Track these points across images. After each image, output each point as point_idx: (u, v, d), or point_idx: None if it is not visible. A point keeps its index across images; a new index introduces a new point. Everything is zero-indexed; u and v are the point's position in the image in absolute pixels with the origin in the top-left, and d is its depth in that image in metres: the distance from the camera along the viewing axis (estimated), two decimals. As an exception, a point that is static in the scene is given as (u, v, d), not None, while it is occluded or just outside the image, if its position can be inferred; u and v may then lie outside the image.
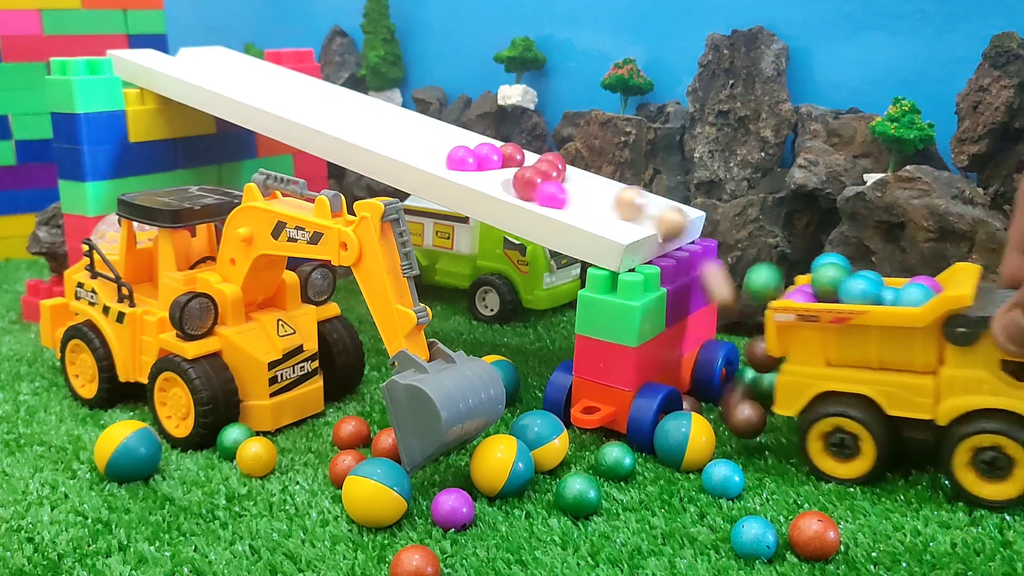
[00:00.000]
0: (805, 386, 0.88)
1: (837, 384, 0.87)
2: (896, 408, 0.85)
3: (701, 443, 0.90)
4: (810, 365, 0.88)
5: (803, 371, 0.88)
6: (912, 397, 0.84)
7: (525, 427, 0.93)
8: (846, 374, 0.86)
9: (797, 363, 0.88)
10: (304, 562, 0.77)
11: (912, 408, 0.84)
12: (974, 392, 0.82)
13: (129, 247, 1.11)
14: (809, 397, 0.88)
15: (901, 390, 0.84)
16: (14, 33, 1.79)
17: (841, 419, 0.86)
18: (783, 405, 0.90)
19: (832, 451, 0.87)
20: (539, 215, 0.99)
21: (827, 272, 0.90)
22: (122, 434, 0.91)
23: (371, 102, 1.34)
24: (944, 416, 0.83)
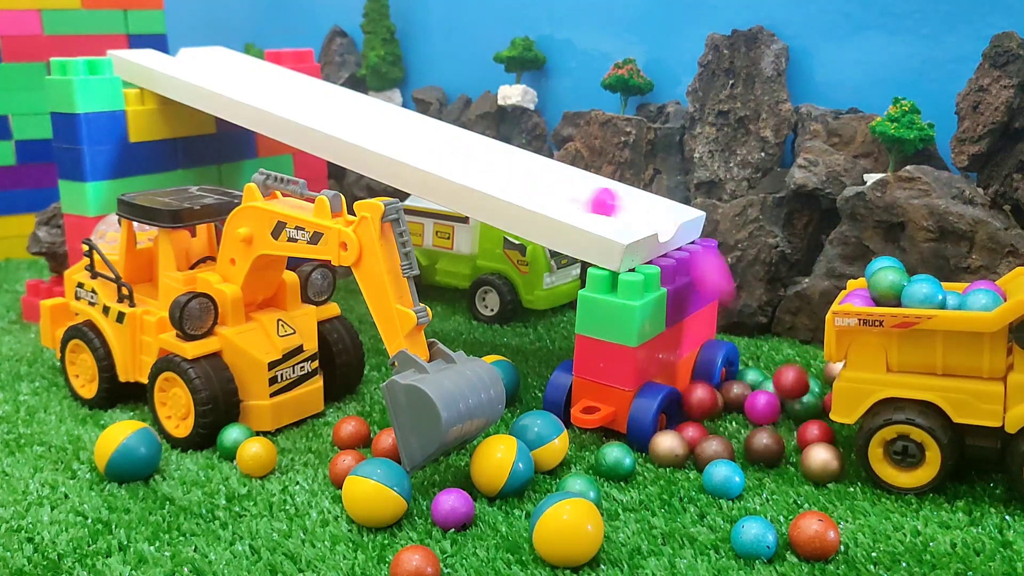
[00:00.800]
0: (866, 392, 0.85)
1: (901, 391, 0.84)
2: (963, 415, 0.82)
3: None
4: (870, 371, 0.85)
5: (864, 377, 0.85)
6: (980, 404, 0.81)
7: (525, 427, 0.93)
8: (910, 380, 0.83)
9: (856, 369, 0.85)
10: (304, 562, 0.77)
11: (980, 415, 0.82)
12: None
13: (129, 247, 1.11)
14: (869, 404, 0.84)
15: (969, 397, 0.82)
16: (14, 33, 1.79)
17: (906, 426, 0.83)
18: (841, 412, 0.86)
19: (894, 459, 0.85)
20: (539, 215, 0.99)
21: (886, 276, 0.86)
22: (122, 434, 0.91)
23: (371, 102, 1.34)
24: (1014, 424, 0.81)
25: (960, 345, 0.82)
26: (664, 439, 0.93)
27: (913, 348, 0.83)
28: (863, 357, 0.85)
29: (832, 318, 0.84)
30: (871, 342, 0.84)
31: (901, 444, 0.84)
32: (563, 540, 0.75)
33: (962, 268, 1.15)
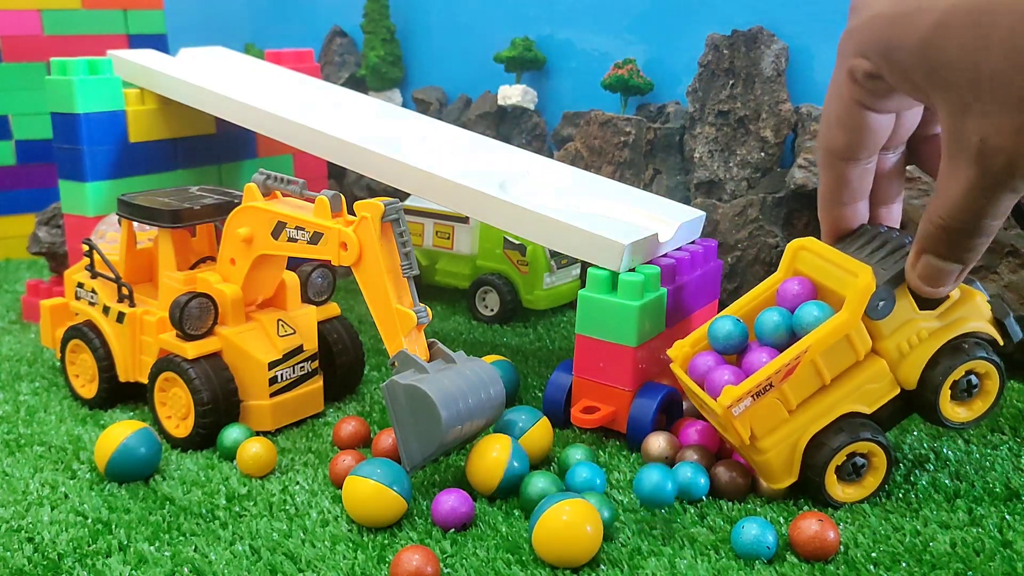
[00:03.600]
0: (791, 446, 0.82)
1: (820, 422, 0.82)
2: (874, 403, 0.83)
3: None
4: (782, 426, 0.82)
5: (780, 435, 0.82)
6: (878, 384, 0.82)
7: (507, 423, 0.94)
8: (816, 409, 0.82)
9: (768, 434, 0.82)
10: (304, 562, 0.77)
11: (885, 393, 0.83)
12: (918, 343, 0.82)
13: (129, 247, 1.11)
14: (801, 452, 0.82)
15: (868, 385, 0.82)
16: (14, 33, 1.79)
17: (851, 446, 0.82)
18: (780, 477, 0.83)
19: (849, 479, 0.84)
20: (539, 215, 0.99)
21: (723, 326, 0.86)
22: (122, 434, 0.91)
23: (371, 102, 1.34)
24: (910, 377, 0.82)
25: (834, 351, 0.81)
26: (655, 440, 0.92)
27: (801, 381, 0.81)
28: (767, 420, 0.82)
29: (729, 413, 0.79)
30: (765, 403, 0.81)
31: (850, 464, 0.83)
32: (562, 540, 0.75)
33: (962, 268, 1.15)
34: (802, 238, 0.88)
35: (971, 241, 0.70)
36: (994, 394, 0.84)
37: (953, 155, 0.66)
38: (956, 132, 0.65)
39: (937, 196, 0.70)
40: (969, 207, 0.67)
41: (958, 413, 0.84)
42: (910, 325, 0.82)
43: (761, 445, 0.82)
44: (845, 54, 0.72)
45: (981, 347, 0.83)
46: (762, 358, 0.82)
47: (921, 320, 0.82)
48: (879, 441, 0.82)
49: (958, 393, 0.83)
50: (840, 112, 0.75)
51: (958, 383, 0.83)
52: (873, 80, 0.70)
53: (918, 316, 0.82)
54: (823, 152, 0.79)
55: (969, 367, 0.82)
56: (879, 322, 0.81)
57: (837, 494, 0.83)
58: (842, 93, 0.74)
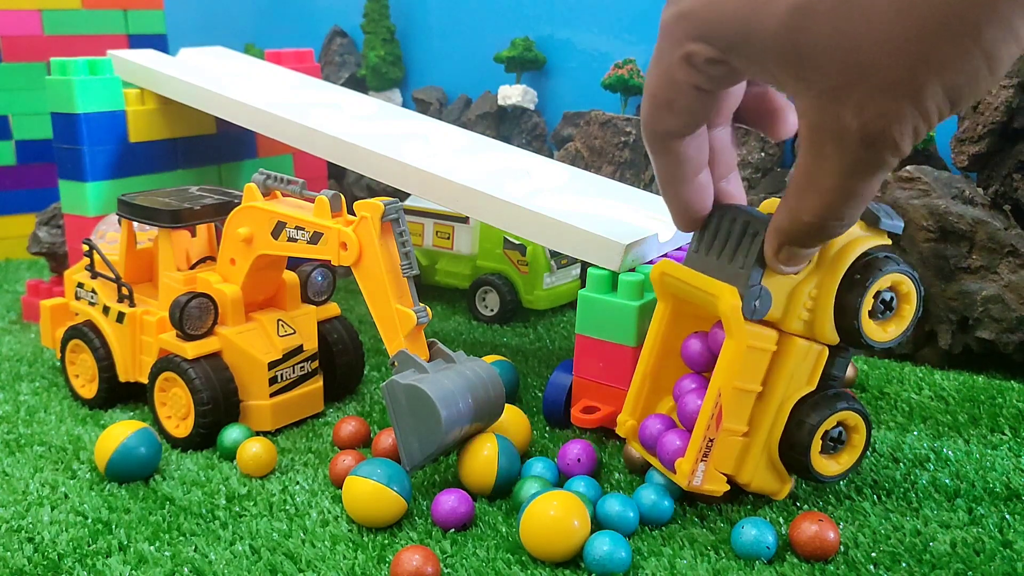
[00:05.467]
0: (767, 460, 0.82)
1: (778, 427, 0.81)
2: (815, 378, 0.81)
3: None
4: (748, 456, 0.81)
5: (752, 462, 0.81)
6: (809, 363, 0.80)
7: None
8: (769, 417, 0.81)
9: (742, 468, 0.81)
10: (304, 562, 0.77)
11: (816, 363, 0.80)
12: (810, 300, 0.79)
13: (129, 247, 1.11)
14: (777, 460, 0.82)
15: (802, 368, 0.80)
16: (14, 33, 1.80)
17: (821, 430, 0.81)
18: (778, 491, 0.84)
19: (830, 451, 0.83)
20: (539, 215, 0.99)
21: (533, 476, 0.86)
22: (122, 434, 0.91)
23: (371, 102, 1.34)
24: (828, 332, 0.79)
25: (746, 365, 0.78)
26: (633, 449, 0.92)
27: (736, 408, 0.79)
28: (730, 458, 0.80)
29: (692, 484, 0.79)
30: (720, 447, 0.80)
31: (828, 439, 0.82)
32: (549, 535, 0.75)
33: (962, 268, 1.15)
34: (660, 262, 0.84)
35: (841, 225, 0.66)
36: (909, 318, 0.81)
37: (823, 145, 0.61)
38: (827, 120, 0.60)
39: (804, 192, 0.65)
40: (844, 196, 0.63)
41: (876, 332, 0.80)
42: (796, 293, 0.78)
43: (743, 481, 0.82)
44: (677, 37, 0.65)
45: (891, 261, 0.79)
46: (696, 401, 0.81)
47: (802, 280, 0.78)
48: (854, 408, 0.81)
49: (876, 308, 0.79)
50: (672, 96, 0.67)
51: (880, 293, 0.79)
52: (715, 65, 0.64)
53: (796, 279, 0.78)
54: (652, 136, 0.72)
55: (892, 280, 0.78)
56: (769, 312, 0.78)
57: (827, 469, 0.82)
58: (675, 78, 0.66)
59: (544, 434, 1.02)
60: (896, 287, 0.80)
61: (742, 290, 0.76)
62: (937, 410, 1.04)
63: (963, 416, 1.03)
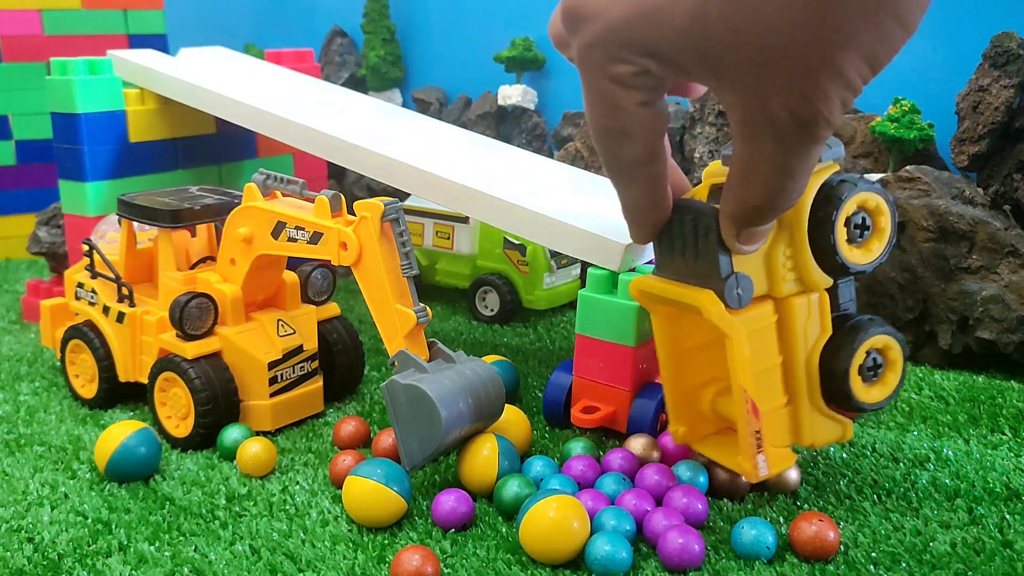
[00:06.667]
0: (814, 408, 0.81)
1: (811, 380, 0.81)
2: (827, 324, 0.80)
3: None
4: (798, 418, 0.81)
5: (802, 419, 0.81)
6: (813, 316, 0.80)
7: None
8: (797, 376, 0.80)
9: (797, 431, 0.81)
10: (304, 562, 0.77)
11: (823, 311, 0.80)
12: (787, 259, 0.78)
13: (129, 247, 1.11)
14: (821, 403, 0.81)
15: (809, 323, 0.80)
16: (14, 33, 1.80)
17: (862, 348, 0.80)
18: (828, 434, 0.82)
19: (868, 377, 0.81)
20: (539, 215, 0.99)
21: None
22: (122, 434, 0.91)
23: (371, 102, 1.34)
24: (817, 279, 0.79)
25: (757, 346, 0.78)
26: (636, 442, 0.92)
27: (766, 387, 0.79)
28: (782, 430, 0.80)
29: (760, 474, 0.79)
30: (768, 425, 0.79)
31: (871, 359, 0.81)
32: (549, 537, 0.75)
33: (962, 268, 1.15)
34: (634, 280, 0.83)
35: (791, 199, 0.66)
36: (888, 229, 0.80)
37: (756, 135, 0.61)
38: (752, 110, 0.60)
39: (746, 179, 0.65)
40: (785, 175, 0.63)
41: (858, 256, 0.79)
42: (771, 260, 0.77)
43: (807, 443, 0.81)
44: (597, 65, 0.64)
45: (847, 184, 0.78)
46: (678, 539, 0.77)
47: (770, 245, 0.77)
48: (877, 332, 0.80)
49: (851, 232, 0.78)
50: (623, 122, 0.66)
51: (850, 219, 0.78)
52: (642, 76, 0.63)
53: (764, 249, 0.77)
54: (619, 169, 0.70)
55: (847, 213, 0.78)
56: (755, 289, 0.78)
57: (866, 397, 0.81)
58: (616, 103, 0.65)
59: (544, 434, 1.02)
60: (864, 206, 0.79)
61: (718, 286, 0.75)
62: (937, 410, 1.04)
63: (963, 416, 1.03)
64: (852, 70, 0.56)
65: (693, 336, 0.86)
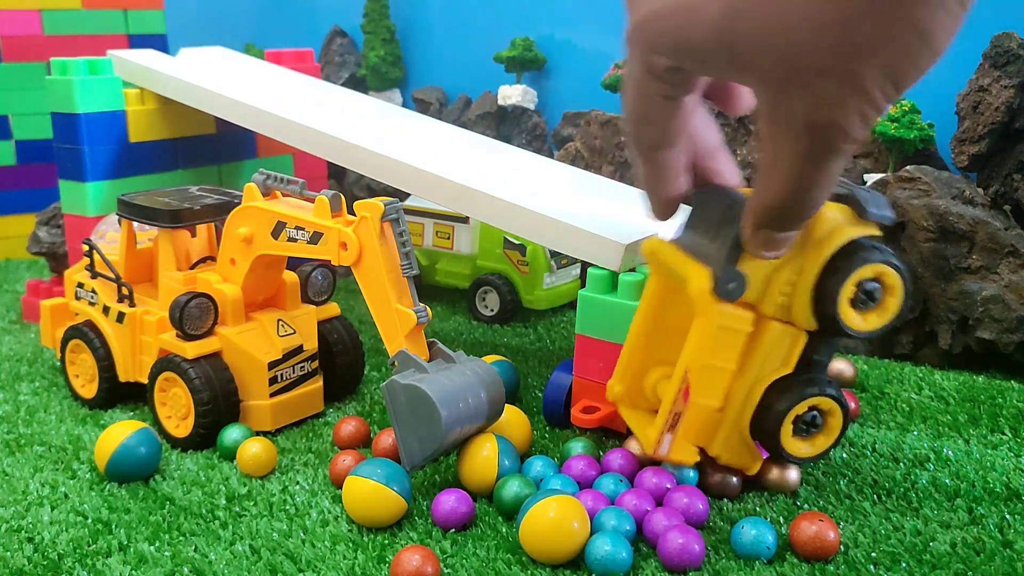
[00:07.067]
0: (739, 437, 0.82)
1: (751, 404, 0.80)
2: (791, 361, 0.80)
3: None
4: (719, 430, 0.81)
5: (723, 435, 0.82)
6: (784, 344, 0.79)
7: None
8: (741, 394, 0.80)
9: (712, 441, 0.82)
10: (304, 562, 0.77)
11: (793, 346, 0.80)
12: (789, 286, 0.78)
13: (129, 247, 1.11)
14: (748, 437, 0.82)
15: (778, 351, 0.80)
16: (14, 33, 1.80)
17: (796, 409, 0.80)
18: (749, 466, 0.84)
19: (802, 434, 0.82)
20: (539, 215, 0.99)
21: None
22: (122, 434, 0.91)
23: (371, 102, 1.34)
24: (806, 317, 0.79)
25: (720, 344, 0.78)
26: (636, 443, 0.92)
27: (710, 384, 0.79)
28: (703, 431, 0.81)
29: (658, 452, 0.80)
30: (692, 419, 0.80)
31: (801, 423, 0.81)
32: (549, 537, 0.75)
33: (962, 268, 1.15)
34: (650, 239, 0.84)
35: (806, 210, 0.67)
36: (893, 311, 0.79)
37: (777, 133, 0.63)
38: (778, 110, 0.61)
39: (767, 177, 0.66)
40: (802, 182, 0.64)
41: (855, 320, 0.79)
42: (774, 278, 0.78)
43: (713, 453, 0.83)
44: (637, 51, 0.67)
45: (878, 251, 0.78)
46: None
47: (780, 264, 0.78)
48: (828, 394, 0.80)
49: (858, 299, 0.78)
50: (646, 109, 0.70)
51: (859, 290, 0.78)
52: (676, 73, 0.66)
53: (774, 264, 0.77)
54: (637, 148, 0.74)
55: (876, 271, 0.78)
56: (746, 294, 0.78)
57: (790, 447, 0.81)
58: (645, 90, 0.68)
59: (544, 434, 1.02)
60: (881, 278, 0.78)
61: (717, 271, 0.75)
62: (937, 410, 1.04)
63: (963, 416, 1.03)
64: (872, 84, 0.56)
65: (676, 316, 0.86)
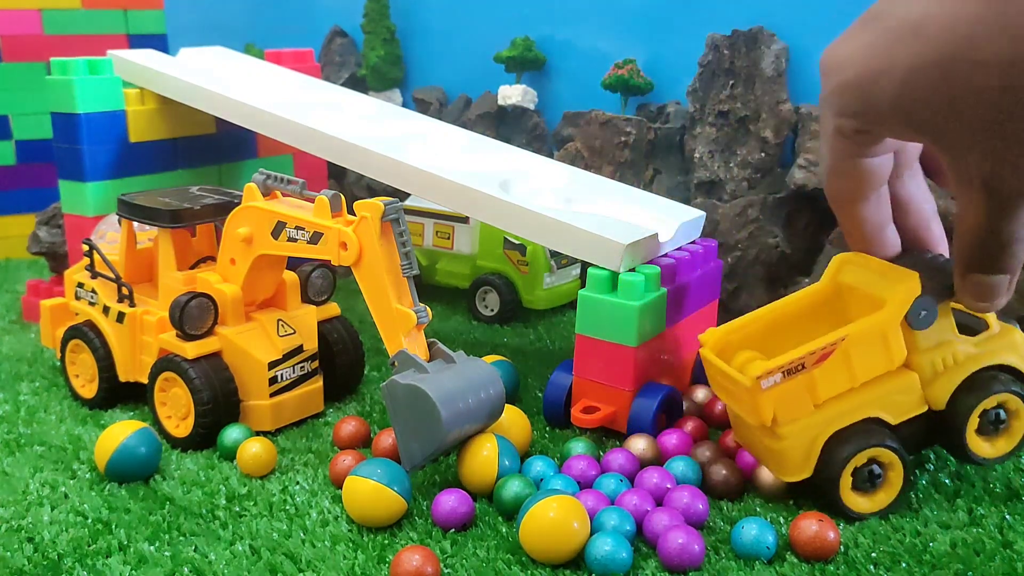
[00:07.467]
0: (813, 438, 0.80)
1: (844, 420, 0.80)
2: (901, 416, 0.82)
3: None
4: (805, 416, 0.80)
5: (802, 426, 0.80)
6: (906, 397, 0.82)
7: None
8: (842, 407, 0.80)
9: (790, 421, 0.80)
10: (304, 562, 0.77)
11: (912, 407, 0.82)
12: (953, 365, 0.81)
13: (129, 247, 1.11)
14: (819, 448, 0.80)
15: (897, 395, 0.81)
16: (14, 33, 1.79)
17: (866, 452, 0.80)
18: (793, 471, 0.81)
19: (863, 487, 0.82)
20: (539, 215, 0.99)
21: None
22: (122, 434, 0.91)
23: (371, 102, 1.34)
24: (941, 397, 0.81)
25: (868, 352, 0.80)
26: (637, 442, 0.93)
27: (832, 375, 0.80)
28: (791, 408, 0.80)
29: (757, 386, 0.78)
30: (792, 390, 0.79)
31: (867, 471, 0.81)
32: (550, 537, 0.75)
33: (962, 268, 1.15)
34: (848, 253, 0.86)
35: (1008, 249, 0.71)
36: (1022, 431, 0.83)
37: (961, 185, 0.68)
38: (957, 168, 0.67)
39: (960, 220, 0.71)
40: (993, 224, 0.68)
41: (982, 447, 0.83)
42: (947, 345, 0.81)
43: (781, 431, 0.80)
44: (828, 114, 0.74)
45: (1015, 382, 0.82)
46: None
47: (958, 343, 0.82)
48: (899, 450, 0.80)
49: (985, 425, 0.82)
50: (836, 163, 0.77)
51: (987, 414, 0.82)
52: (863, 134, 0.72)
53: (956, 339, 0.82)
54: (831, 200, 0.80)
55: (1000, 399, 0.82)
56: (918, 334, 0.81)
57: (851, 502, 0.81)
58: (835, 146, 0.75)
59: (544, 434, 1.02)
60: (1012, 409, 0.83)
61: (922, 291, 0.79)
62: (937, 410, 1.04)
63: (963, 416, 1.02)
64: None
65: (806, 329, 0.86)
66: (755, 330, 0.88)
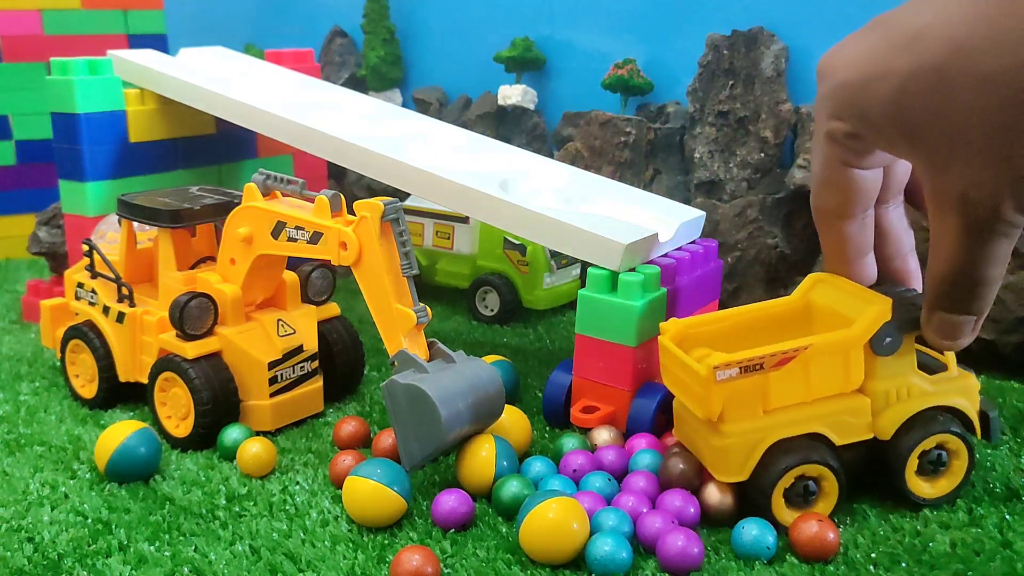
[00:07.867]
0: (757, 442, 0.79)
1: (789, 430, 0.79)
2: (846, 438, 0.81)
3: None
4: (751, 419, 0.79)
5: (747, 427, 0.79)
6: (854, 420, 0.81)
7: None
8: (790, 417, 0.80)
9: (736, 421, 0.79)
10: (304, 562, 0.77)
11: (858, 432, 0.81)
12: (906, 398, 0.82)
13: (129, 247, 1.11)
14: (761, 452, 0.79)
15: (846, 416, 0.81)
16: (14, 33, 1.79)
17: (805, 467, 0.79)
18: (730, 472, 0.80)
19: (796, 502, 0.80)
20: (539, 215, 0.99)
21: None
22: (122, 434, 0.91)
23: (371, 102, 1.34)
24: (888, 428, 0.81)
25: (827, 368, 0.80)
26: (599, 434, 0.93)
27: (787, 384, 0.80)
28: (740, 408, 0.79)
29: (713, 376, 0.77)
30: (745, 391, 0.78)
31: (801, 485, 0.80)
32: (549, 538, 0.75)
33: (962, 268, 1.15)
34: (823, 273, 0.87)
35: (976, 291, 0.71)
36: (961, 475, 0.83)
37: (938, 208, 0.68)
38: (937, 186, 0.67)
39: (933, 253, 0.71)
40: (965, 258, 0.68)
41: (922, 487, 0.83)
42: (904, 378, 0.82)
43: (726, 429, 0.79)
44: (821, 118, 0.75)
45: (955, 422, 0.83)
46: None
47: (915, 377, 0.82)
48: (837, 471, 0.80)
49: (925, 465, 0.82)
50: (826, 173, 0.77)
51: (927, 454, 0.82)
52: (853, 139, 0.72)
53: (914, 373, 0.82)
54: (816, 213, 0.81)
55: (940, 440, 0.82)
56: (878, 361, 0.81)
57: (779, 512, 0.80)
58: (825, 153, 0.76)
59: (544, 434, 1.02)
60: (952, 450, 0.83)
61: (892, 316, 0.79)
62: (937, 410, 1.04)
63: (963, 416, 1.03)
64: None
65: (772, 336, 0.86)
66: (716, 329, 0.88)
